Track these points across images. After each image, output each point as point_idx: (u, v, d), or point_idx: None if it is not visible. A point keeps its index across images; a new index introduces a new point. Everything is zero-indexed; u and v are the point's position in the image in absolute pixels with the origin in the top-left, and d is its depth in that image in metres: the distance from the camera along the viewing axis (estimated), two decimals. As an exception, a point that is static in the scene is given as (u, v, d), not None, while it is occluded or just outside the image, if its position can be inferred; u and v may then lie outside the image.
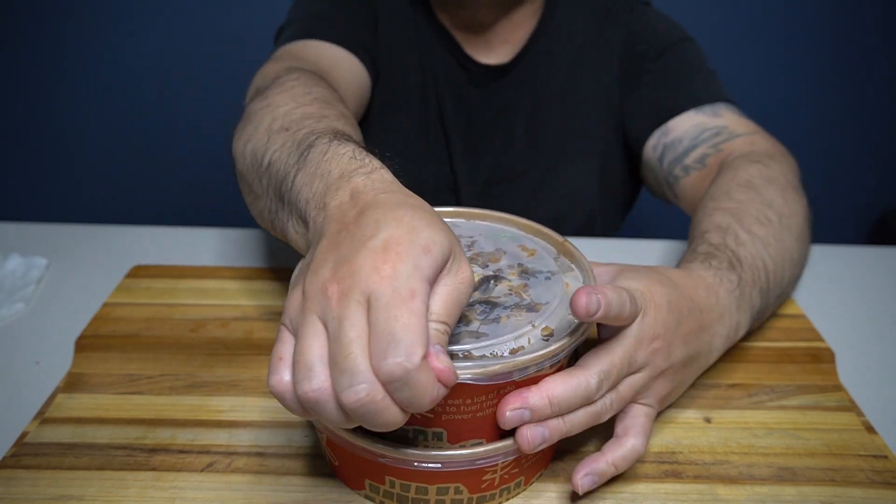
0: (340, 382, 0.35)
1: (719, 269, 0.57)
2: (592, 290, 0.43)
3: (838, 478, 0.53)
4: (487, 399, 0.44)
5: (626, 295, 0.45)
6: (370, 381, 0.34)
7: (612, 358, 0.46)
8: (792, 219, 0.65)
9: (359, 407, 0.35)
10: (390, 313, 0.35)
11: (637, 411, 0.50)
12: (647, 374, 0.49)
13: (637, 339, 0.47)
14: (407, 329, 0.34)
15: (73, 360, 0.63)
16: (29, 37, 1.77)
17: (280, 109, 0.57)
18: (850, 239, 1.96)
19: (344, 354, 0.35)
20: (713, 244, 0.60)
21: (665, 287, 0.51)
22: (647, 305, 0.48)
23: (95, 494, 0.50)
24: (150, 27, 1.77)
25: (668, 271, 0.54)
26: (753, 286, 0.58)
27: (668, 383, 0.51)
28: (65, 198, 1.97)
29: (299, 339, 0.37)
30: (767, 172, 0.69)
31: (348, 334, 0.35)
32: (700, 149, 0.80)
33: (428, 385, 0.35)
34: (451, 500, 0.48)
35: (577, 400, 0.45)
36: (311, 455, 0.54)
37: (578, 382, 0.45)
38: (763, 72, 1.81)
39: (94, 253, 0.82)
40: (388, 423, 0.36)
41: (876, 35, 1.79)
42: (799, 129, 1.86)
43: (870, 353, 0.68)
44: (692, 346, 0.52)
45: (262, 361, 0.63)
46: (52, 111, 1.86)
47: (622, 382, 0.48)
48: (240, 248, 0.83)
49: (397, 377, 0.34)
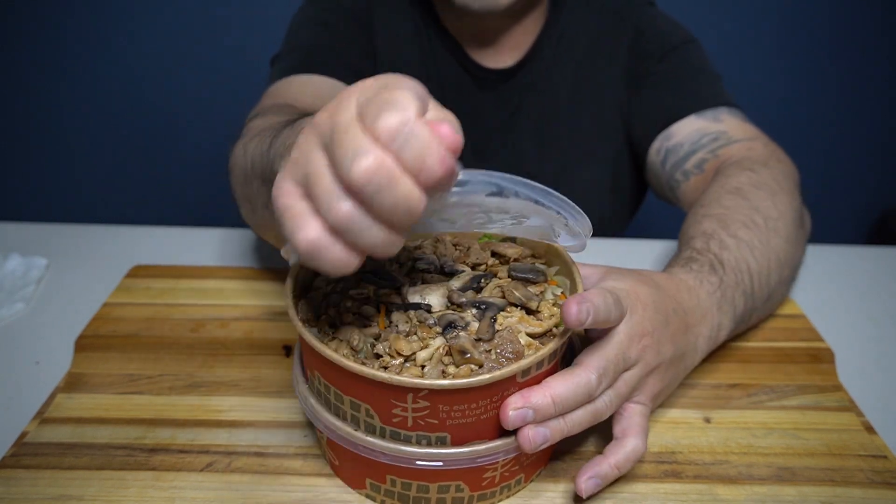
0: (344, 162, 0.33)
1: (700, 272, 0.58)
2: (582, 298, 0.44)
3: (838, 478, 0.53)
4: (491, 402, 0.44)
5: (611, 298, 0.46)
6: (373, 149, 0.33)
7: (608, 354, 0.47)
8: (780, 221, 0.65)
9: (371, 179, 0.33)
10: (380, 96, 0.34)
11: (633, 411, 0.50)
12: (640, 370, 0.50)
13: (628, 336, 0.48)
14: (397, 96, 0.33)
15: (73, 360, 0.63)
16: (29, 37, 1.77)
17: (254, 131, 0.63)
18: (850, 239, 1.96)
19: (342, 133, 0.33)
20: (696, 249, 0.61)
21: (650, 287, 0.52)
22: (634, 305, 0.49)
23: (95, 494, 0.50)
24: (150, 27, 1.77)
25: (651, 274, 0.55)
26: (736, 288, 0.59)
27: (660, 380, 0.52)
28: (65, 198, 1.97)
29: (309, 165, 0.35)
30: (757, 178, 0.70)
31: (341, 121, 0.34)
32: (699, 154, 0.81)
33: (432, 140, 0.33)
34: (452, 498, 0.48)
35: (580, 397, 0.45)
36: (311, 455, 0.54)
37: (580, 380, 0.45)
38: (763, 72, 1.81)
39: (94, 253, 0.82)
40: (407, 197, 0.33)
41: (876, 35, 1.79)
42: (799, 128, 1.86)
43: (870, 353, 0.68)
44: (679, 345, 0.53)
45: (262, 361, 0.64)
46: (52, 111, 1.86)
47: (618, 379, 0.49)
48: (240, 248, 0.83)
49: (396, 131, 0.32)
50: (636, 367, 0.49)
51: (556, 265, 0.55)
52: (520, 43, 0.91)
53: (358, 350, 0.45)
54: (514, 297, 0.49)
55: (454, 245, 0.57)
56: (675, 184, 0.84)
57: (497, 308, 0.48)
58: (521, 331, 0.47)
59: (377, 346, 0.45)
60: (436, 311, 0.49)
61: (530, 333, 0.47)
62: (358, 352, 0.45)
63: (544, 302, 0.50)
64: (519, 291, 0.49)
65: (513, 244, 0.56)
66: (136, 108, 1.86)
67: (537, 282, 0.51)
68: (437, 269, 0.53)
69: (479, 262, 0.54)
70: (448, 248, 0.56)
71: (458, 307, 0.49)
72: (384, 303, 0.49)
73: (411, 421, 0.44)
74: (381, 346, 0.45)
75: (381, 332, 0.46)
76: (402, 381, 0.41)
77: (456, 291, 0.50)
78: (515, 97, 0.91)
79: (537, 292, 0.51)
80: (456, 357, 0.44)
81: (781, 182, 0.71)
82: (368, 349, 0.45)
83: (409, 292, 0.50)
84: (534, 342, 0.47)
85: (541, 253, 0.56)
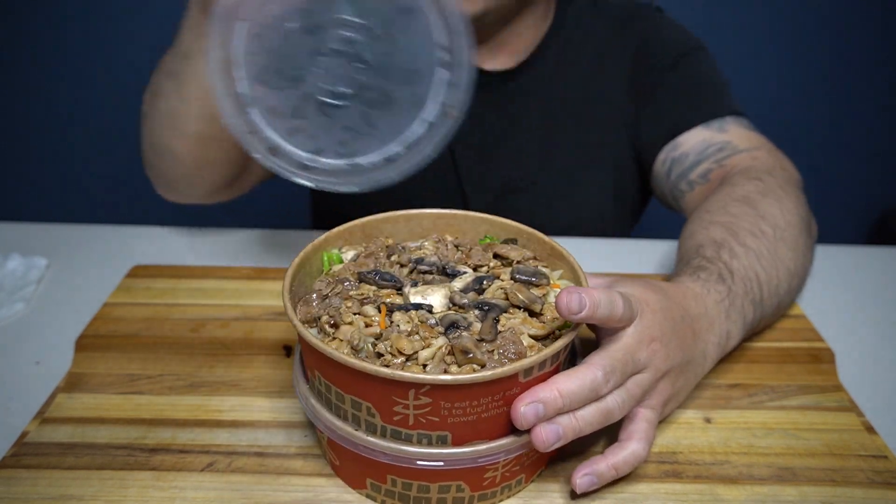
0: None
1: (707, 280, 0.58)
2: (574, 289, 0.44)
3: (838, 478, 0.53)
4: (492, 400, 0.44)
5: (618, 297, 0.46)
6: None
7: (614, 354, 0.47)
8: (787, 230, 0.66)
9: None
10: None
11: (640, 416, 0.51)
12: (651, 374, 0.50)
13: (636, 339, 0.48)
14: None
15: (74, 360, 0.63)
16: (29, 37, 1.77)
17: None
18: (850, 239, 1.95)
19: None
20: (706, 258, 0.61)
21: (658, 294, 0.52)
22: (642, 310, 0.49)
23: (95, 494, 0.50)
24: (150, 27, 1.76)
25: (659, 282, 0.55)
26: (745, 297, 0.59)
27: (670, 385, 0.52)
28: (65, 198, 1.97)
29: None
30: (764, 187, 0.71)
31: None
32: (704, 164, 0.82)
33: None
34: (453, 498, 0.48)
35: (586, 392, 0.46)
36: (311, 455, 0.54)
37: (584, 375, 0.46)
38: (763, 72, 1.81)
39: (94, 253, 0.82)
40: None
41: (876, 35, 1.79)
42: (799, 129, 1.86)
43: (870, 353, 0.68)
44: (688, 351, 0.53)
45: (262, 361, 0.64)
46: (52, 111, 1.86)
47: (629, 381, 0.49)
48: (240, 248, 0.83)
49: None
50: (646, 370, 0.49)
51: (560, 268, 0.55)
52: (519, 46, 0.90)
53: (359, 349, 0.45)
54: (518, 300, 0.49)
55: (456, 246, 0.57)
56: (680, 194, 0.84)
57: (500, 309, 0.48)
58: (524, 332, 0.47)
59: (378, 346, 0.45)
60: (437, 311, 0.49)
61: (533, 335, 0.47)
62: (359, 351, 0.45)
63: (547, 305, 0.50)
64: (523, 294, 0.49)
65: (515, 247, 0.56)
66: (136, 108, 1.85)
67: (540, 284, 0.51)
68: (439, 270, 0.53)
69: (480, 263, 0.54)
70: (450, 250, 0.56)
71: (460, 308, 0.49)
72: (385, 303, 0.49)
73: (412, 419, 0.44)
74: (383, 345, 0.45)
75: (382, 331, 0.46)
76: (405, 377, 0.41)
77: (458, 292, 0.50)
78: (517, 100, 0.91)
79: (540, 295, 0.51)
80: (458, 357, 0.44)
81: (788, 190, 0.71)
82: (369, 348, 0.45)
83: (411, 293, 0.50)
84: (536, 344, 0.47)
85: (543, 256, 0.56)
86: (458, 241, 0.58)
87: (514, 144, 0.92)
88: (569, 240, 0.77)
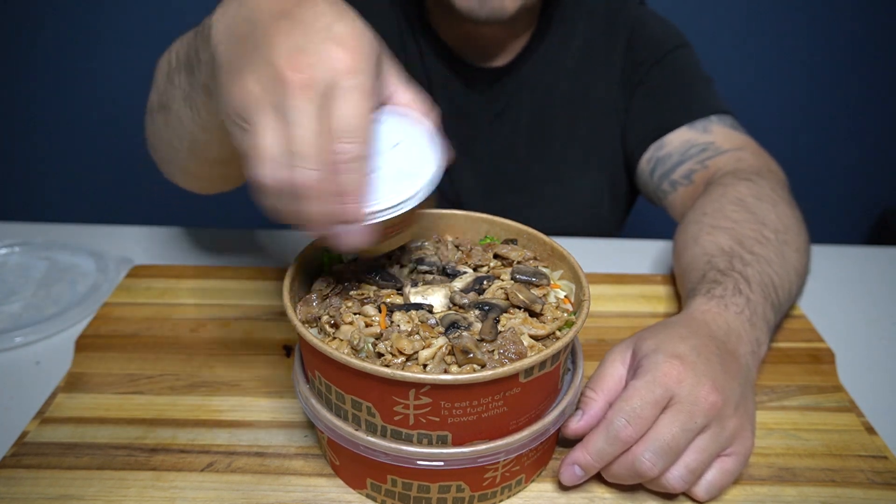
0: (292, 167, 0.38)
1: (723, 296, 0.58)
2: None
3: (838, 478, 0.53)
4: (493, 400, 0.44)
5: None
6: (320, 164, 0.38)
7: (671, 430, 0.47)
8: (788, 234, 0.66)
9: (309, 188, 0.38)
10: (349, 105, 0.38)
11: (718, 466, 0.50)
12: (717, 426, 0.49)
13: (689, 412, 0.48)
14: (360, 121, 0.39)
15: (73, 360, 0.63)
16: (28, 37, 1.77)
17: None
18: (850, 239, 1.96)
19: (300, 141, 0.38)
20: (720, 270, 0.61)
21: (685, 343, 0.51)
22: (682, 376, 0.48)
23: (96, 494, 0.50)
24: (150, 27, 1.76)
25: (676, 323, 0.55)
26: (766, 303, 0.59)
27: (737, 420, 0.50)
28: (65, 198, 1.97)
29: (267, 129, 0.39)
30: (757, 189, 0.71)
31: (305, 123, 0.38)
32: (686, 165, 0.82)
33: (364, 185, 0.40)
34: (453, 498, 0.48)
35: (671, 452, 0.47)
36: (311, 455, 0.54)
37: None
38: (762, 72, 1.81)
39: (94, 253, 0.81)
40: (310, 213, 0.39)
41: (876, 35, 1.79)
42: (799, 129, 1.86)
43: (870, 353, 0.68)
44: (738, 376, 0.52)
45: (262, 361, 0.63)
46: (51, 111, 1.86)
47: (695, 451, 0.48)
48: (240, 248, 0.83)
49: (350, 159, 0.39)
50: (710, 426, 0.49)
51: (560, 269, 0.55)
52: (510, 46, 0.90)
53: (359, 349, 0.45)
54: (519, 300, 0.49)
55: (456, 246, 0.57)
56: (663, 194, 0.85)
57: (500, 310, 0.48)
58: (524, 332, 0.47)
59: (378, 346, 0.45)
60: (437, 311, 0.49)
61: (533, 336, 0.47)
62: (359, 351, 0.45)
63: (548, 305, 0.50)
64: (523, 294, 0.49)
65: (515, 247, 0.56)
66: (136, 108, 1.85)
67: (540, 285, 0.51)
68: (439, 270, 0.53)
69: (480, 263, 0.54)
70: (450, 250, 0.56)
71: (461, 308, 0.49)
72: (385, 303, 0.49)
73: (413, 419, 0.44)
74: (383, 345, 0.45)
75: (382, 331, 0.46)
76: (405, 376, 0.41)
77: (458, 293, 0.50)
78: (504, 96, 0.91)
79: (540, 295, 0.51)
80: (458, 356, 0.44)
81: (779, 192, 0.72)
82: (370, 348, 0.45)
83: (411, 293, 0.50)
84: (536, 344, 0.47)
85: (543, 256, 0.56)
86: (459, 241, 0.58)
87: (500, 138, 0.92)
88: (568, 240, 0.77)
